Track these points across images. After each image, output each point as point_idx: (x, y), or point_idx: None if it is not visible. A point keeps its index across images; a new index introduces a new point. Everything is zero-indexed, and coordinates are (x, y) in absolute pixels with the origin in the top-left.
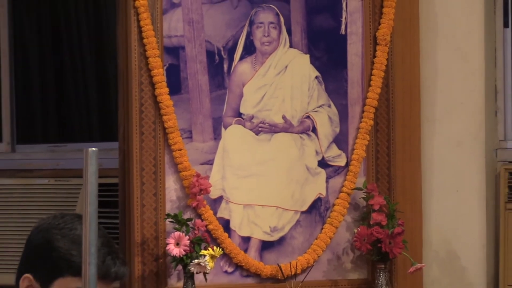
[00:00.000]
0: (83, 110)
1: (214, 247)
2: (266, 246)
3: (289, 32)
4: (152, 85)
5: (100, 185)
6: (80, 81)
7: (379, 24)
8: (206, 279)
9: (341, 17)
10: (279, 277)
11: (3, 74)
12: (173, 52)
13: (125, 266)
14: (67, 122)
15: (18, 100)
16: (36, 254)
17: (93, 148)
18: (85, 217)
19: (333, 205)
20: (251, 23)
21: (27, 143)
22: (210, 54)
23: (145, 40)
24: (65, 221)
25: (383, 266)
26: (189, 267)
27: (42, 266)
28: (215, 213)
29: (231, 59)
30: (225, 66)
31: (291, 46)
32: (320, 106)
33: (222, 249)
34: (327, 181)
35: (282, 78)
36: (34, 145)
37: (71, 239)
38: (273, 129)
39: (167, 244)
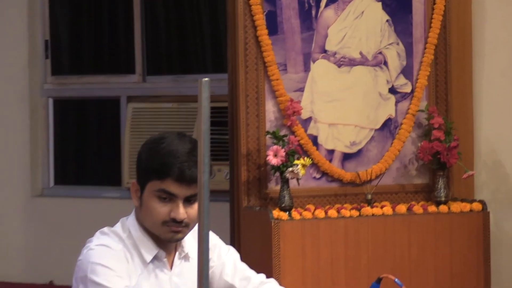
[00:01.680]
0: (200, 48)
1: (305, 158)
2: (346, 157)
3: None
4: (255, 27)
5: (212, 108)
6: (197, 25)
7: None
8: (298, 184)
9: None
10: (357, 182)
11: (135, 19)
12: (271, 0)
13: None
14: (187, 57)
15: (148, 40)
16: (138, 164)
17: (206, 78)
18: (199, 134)
19: (401, 124)
20: None
21: (155, 75)
22: (301, 2)
23: None
24: (159, 138)
25: (441, 173)
26: (285, 174)
27: (140, 174)
28: (305, 131)
29: (318, 6)
30: (313, 12)
31: None
32: (390, 44)
33: (311, 159)
34: (396, 105)
35: (359, 22)
36: (161, 76)
37: (156, 151)
38: (352, 62)
39: (267, 155)
